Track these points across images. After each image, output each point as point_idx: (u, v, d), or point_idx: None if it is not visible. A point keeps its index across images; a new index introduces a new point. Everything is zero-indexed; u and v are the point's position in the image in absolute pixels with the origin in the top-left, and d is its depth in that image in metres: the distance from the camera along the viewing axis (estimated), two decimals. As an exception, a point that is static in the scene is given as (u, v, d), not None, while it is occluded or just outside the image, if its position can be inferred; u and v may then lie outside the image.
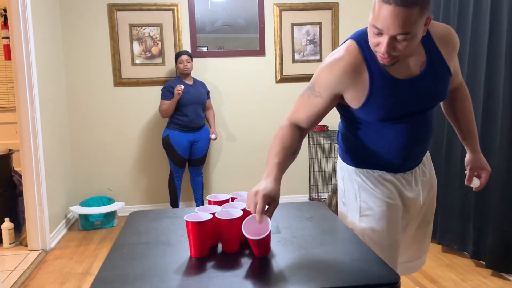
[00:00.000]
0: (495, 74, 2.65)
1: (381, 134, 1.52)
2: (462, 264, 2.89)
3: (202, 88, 3.90)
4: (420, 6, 1.21)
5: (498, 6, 2.60)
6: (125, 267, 1.25)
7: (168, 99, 3.73)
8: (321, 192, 4.32)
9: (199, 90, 3.86)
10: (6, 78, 4.75)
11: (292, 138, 1.48)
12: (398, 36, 1.25)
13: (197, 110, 3.81)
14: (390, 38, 1.26)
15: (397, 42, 1.27)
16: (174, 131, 3.79)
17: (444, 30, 1.46)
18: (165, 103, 3.74)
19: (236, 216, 1.34)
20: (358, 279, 1.14)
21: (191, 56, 3.84)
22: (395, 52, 1.29)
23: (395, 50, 1.29)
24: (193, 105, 3.79)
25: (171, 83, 3.80)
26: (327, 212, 1.75)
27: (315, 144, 4.35)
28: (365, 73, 1.40)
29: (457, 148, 3.00)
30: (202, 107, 3.89)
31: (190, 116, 3.78)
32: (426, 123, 1.52)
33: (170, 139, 3.80)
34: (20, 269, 2.95)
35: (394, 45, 1.28)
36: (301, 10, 4.23)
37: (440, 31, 1.45)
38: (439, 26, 1.47)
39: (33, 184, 3.27)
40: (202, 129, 3.90)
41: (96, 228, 3.85)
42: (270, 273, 1.20)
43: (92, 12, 4.01)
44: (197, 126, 3.83)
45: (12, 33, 3.14)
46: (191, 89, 3.80)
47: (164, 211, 1.79)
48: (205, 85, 3.98)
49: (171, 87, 3.74)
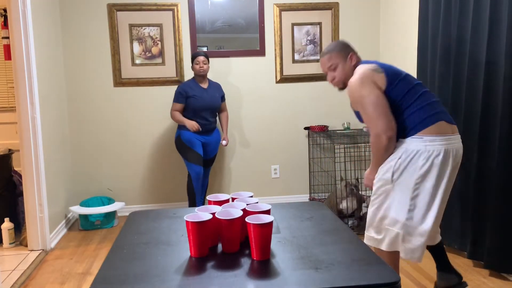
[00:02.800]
0: (495, 74, 2.65)
1: None
2: (462, 264, 2.89)
3: (216, 92, 3.79)
4: (329, 54, 2.24)
5: (498, 6, 2.60)
6: (125, 267, 1.25)
7: (180, 102, 3.66)
8: (321, 192, 4.32)
9: (213, 94, 3.75)
10: (6, 78, 4.75)
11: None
12: (330, 67, 2.25)
13: (208, 115, 3.73)
14: (328, 72, 2.27)
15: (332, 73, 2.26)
16: (184, 131, 3.70)
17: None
18: (177, 108, 3.68)
19: (236, 216, 1.34)
20: (358, 279, 1.15)
21: (207, 57, 3.72)
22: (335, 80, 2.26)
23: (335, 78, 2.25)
24: (205, 111, 3.70)
25: (185, 86, 3.69)
26: (327, 212, 1.75)
27: (315, 144, 4.36)
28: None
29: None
30: (215, 112, 3.80)
31: (201, 121, 3.71)
32: None
33: (182, 138, 3.70)
34: (20, 269, 2.95)
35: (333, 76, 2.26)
36: (301, 10, 4.23)
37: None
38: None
39: (33, 184, 3.27)
40: (213, 132, 3.83)
41: (96, 228, 3.85)
42: (270, 273, 1.20)
43: (92, 12, 4.01)
44: (207, 130, 3.77)
45: (12, 33, 3.14)
46: (205, 94, 3.70)
47: (164, 211, 1.79)
48: (220, 87, 3.87)
49: (184, 91, 3.65)
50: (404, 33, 3.86)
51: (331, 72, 2.24)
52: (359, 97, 2.07)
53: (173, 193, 4.28)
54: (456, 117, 3.00)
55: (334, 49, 2.24)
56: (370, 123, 2.06)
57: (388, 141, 2.05)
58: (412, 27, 3.70)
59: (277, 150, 4.39)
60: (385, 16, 4.24)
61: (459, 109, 2.98)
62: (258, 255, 1.29)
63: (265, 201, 4.33)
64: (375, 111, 2.03)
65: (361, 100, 2.07)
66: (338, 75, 2.23)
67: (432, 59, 3.22)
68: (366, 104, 2.05)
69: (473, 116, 2.83)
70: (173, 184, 4.26)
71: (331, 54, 2.23)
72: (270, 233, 1.29)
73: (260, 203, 1.51)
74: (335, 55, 2.23)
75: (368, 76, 2.07)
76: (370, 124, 2.07)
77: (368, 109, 2.05)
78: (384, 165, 2.12)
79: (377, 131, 2.04)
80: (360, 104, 2.08)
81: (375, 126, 2.04)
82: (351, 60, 2.22)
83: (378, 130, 2.04)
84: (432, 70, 3.23)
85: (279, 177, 4.40)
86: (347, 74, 2.22)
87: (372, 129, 2.06)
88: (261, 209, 1.44)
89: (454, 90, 3.01)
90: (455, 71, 2.99)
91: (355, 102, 2.12)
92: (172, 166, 4.24)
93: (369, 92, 2.05)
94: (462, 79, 2.94)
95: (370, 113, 2.04)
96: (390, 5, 4.12)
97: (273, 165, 4.38)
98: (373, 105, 2.04)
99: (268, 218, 1.32)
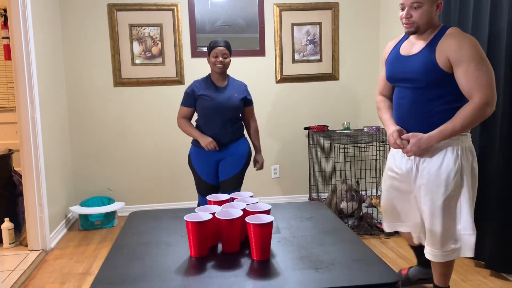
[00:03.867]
0: (495, 73, 2.64)
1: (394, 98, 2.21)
2: (462, 264, 2.89)
3: (236, 92, 2.88)
4: None
5: (498, 6, 2.60)
6: (125, 267, 1.25)
7: (187, 106, 2.89)
8: (321, 192, 4.31)
9: (229, 95, 2.85)
10: (6, 78, 4.76)
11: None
12: (413, 4, 1.92)
13: (222, 122, 2.83)
14: (408, 8, 1.95)
15: (413, 11, 1.93)
16: (196, 147, 2.91)
17: (452, 32, 1.96)
18: (184, 113, 2.91)
19: (236, 216, 1.34)
20: (358, 279, 1.15)
21: (230, 48, 2.83)
22: (412, 19, 1.94)
23: (412, 17, 1.94)
24: (218, 116, 2.82)
25: (195, 84, 2.89)
26: (327, 212, 1.75)
27: (315, 144, 4.35)
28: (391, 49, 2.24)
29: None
30: (233, 118, 2.89)
31: (213, 130, 2.84)
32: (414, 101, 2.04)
33: (191, 158, 2.93)
34: (20, 269, 2.95)
35: (411, 13, 1.94)
36: (301, 10, 4.23)
37: (449, 32, 1.96)
38: (453, 30, 1.97)
39: (33, 184, 3.27)
40: (233, 144, 2.90)
41: (96, 228, 3.85)
42: (270, 273, 1.20)
43: (92, 12, 4.01)
44: (223, 143, 2.87)
45: (12, 33, 3.14)
46: (218, 94, 2.83)
47: (164, 211, 1.79)
48: (244, 87, 2.97)
49: (192, 90, 2.86)
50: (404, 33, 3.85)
51: (411, 10, 1.95)
52: (478, 54, 1.88)
53: (173, 193, 4.28)
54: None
55: None
56: (480, 88, 1.87)
57: (490, 115, 1.92)
58: (412, 27, 3.70)
59: (277, 150, 4.39)
60: (385, 16, 4.24)
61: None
62: (258, 255, 1.29)
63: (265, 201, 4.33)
64: (491, 79, 1.88)
65: (479, 59, 1.87)
66: (418, 16, 1.94)
67: (432, 59, 3.21)
68: (484, 67, 1.87)
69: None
70: (173, 184, 4.26)
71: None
72: (270, 233, 1.29)
73: (260, 203, 1.51)
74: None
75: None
76: (479, 89, 1.88)
77: (485, 73, 1.86)
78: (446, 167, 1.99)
79: (487, 100, 1.87)
80: (476, 62, 1.87)
81: (485, 95, 1.87)
82: (438, 9, 1.98)
83: (489, 99, 1.88)
84: (432, 70, 3.22)
85: (279, 177, 4.40)
86: (429, 20, 1.96)
87: (481, 96, 1.87)
88: (261, 209, 1.44)
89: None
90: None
91: (467, 55, 1.88)
92: (172, 166, 4.23)
93: (487, 60, 1.91)
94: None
95: (486, 78, 1.86)
96: (390, 5, 4.12)
97: (273, 165, 4.38)
98: (491, 72, 1.89)
99: (268, 218, 1.32)
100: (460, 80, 1.91)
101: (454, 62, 1.90)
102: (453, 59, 1.89)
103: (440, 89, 1.98)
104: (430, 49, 1.96)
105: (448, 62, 1.92)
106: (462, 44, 1.88)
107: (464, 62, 1.87)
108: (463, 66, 1.88)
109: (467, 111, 1.89)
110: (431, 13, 1.94)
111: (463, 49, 1.88)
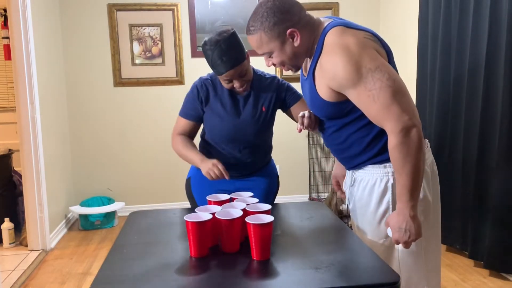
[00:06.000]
0: (495, 74, 2.65)
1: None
2: (462, 264, 2.89)
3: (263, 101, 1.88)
4: (261, 31, 1.41)
5: (498, 6, 2.60)
6: (125, 267, 1.25)
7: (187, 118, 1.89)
8: (321, 192, 4.31)
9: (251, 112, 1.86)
10: (6, 78, 4.75)
11: None
12: (265, 55, 1.47)
13: (240, 150, 1.89)
14: (265, 59, 1.49)
15: (271, 59, 1.48)
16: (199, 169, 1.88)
17: (328, 43, 1.40)
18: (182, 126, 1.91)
19: (236, 216, 1.34)
20: (358, 279, 1.14)
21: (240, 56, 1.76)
22: (277, 65, 1.48)
23: (276, 64, 1.48)
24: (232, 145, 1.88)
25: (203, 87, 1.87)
26: (327, 212, 1.75)
27: (315, 144, 4.35)
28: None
29: (458, 148, 3.01)
30: (259, 142, 1.92)
31: (226, 158, 1.89)
32: (332, 132, 1.52)
33: (191, 185, 2.00)
34: (20, 269, 2.95)
35: (272, 62, 1.48)
36: (301, 10, 4.23)
37: (326, 44, 1.41)
38: (329, 39, 1.41)
39: (33, 184, 3.27)
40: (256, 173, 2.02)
41: (96, 228, 3.85)
42: (270, 273, 1.20)
43: (92, 12, 4.01)
44: (240, 173, 1.96)
45: (12, 33, 3.14)
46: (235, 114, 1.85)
47: (164, 211, 1.79)
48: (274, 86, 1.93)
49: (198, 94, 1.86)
50: (404, 33, 3.86)
51: (269, 59, 1.48)
52: (362, 67, 1.30)
53: (173, 193, 4.28)
54: (456, 116, 3.00)
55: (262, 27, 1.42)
56: (385, 112, 1.30)
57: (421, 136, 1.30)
58: (412, 27, 3.70)
59: (277, 150, 4.37)
60: (385, 16, 4.24)
61: (459, 109, 2.98)
62: (258, 255, 1.29)
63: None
64: (394, 91, 1.29)
65: (366, 73, 1.30)
66: (278, 60, 1.47)
67: (432, 59, 3.22)
68: (377, 82, 1.30)
69: (473, 116, 2.83)
70: (173, 184, 4.26)
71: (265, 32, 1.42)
72: (270, 233, 1.28)
73: (260, 203, 1.51)
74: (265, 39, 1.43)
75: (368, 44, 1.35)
76: (384, 115, 1.31)
77: (383, 90, 1.29)
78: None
79: (402, 125, 1.29)
80: (364, 81, 1.31)
81: (394, 119, 1.29)
82: (297, 37, 1.46)
83: (404, 123, 1.29)
84: (432, 70, 3.23)
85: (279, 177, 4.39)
86: (293, 54, 1.45)
87: (391, 124, 1.30)
88: (261, 209, 1.44)
89: (454, 90, 3.01)
90: (455, 70, 2.99)
91: (347, 79, 1.32)
92: (172, 166, 4.23)
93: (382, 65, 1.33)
94: (462, 78, 2.94)
95: (387, 95, 1.29)
96: (390, 5, 4.12)
97: (273, 165, 4.38)
98: (392, 82, 1.30)
99: (268, 218, 1.32)
100: (359, 108, 1.38)
101: (340, 90, 1.37)
102: (335, 87, 1.37)
103: (342, 119, 1.46)
104: (311, 75, 1.45)
105: (333, 92, 1.39)
106: (336, 64, 1.32)
107: (349, 88, 1.33)
108: (351, 92, 1.34)
109: (392, 155, 1.32)
110: (289, 48, 1.42)
111: (339, 73, 1.32)
